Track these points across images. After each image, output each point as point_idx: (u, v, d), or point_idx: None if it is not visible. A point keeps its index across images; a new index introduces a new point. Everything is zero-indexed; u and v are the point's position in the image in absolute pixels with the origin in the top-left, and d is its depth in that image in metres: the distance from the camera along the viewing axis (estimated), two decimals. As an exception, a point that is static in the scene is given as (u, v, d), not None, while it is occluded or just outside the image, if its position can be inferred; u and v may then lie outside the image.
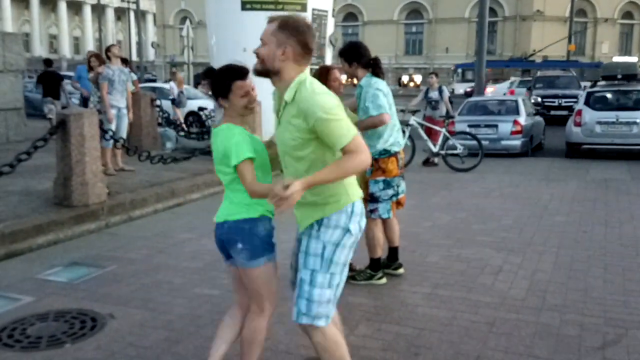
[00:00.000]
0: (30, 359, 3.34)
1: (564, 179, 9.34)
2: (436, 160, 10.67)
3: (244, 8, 10.05)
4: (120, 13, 75.44)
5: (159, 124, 10.52)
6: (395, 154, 4.53)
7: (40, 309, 4.02)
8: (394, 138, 4.51)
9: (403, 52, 58.50)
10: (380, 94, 4.35)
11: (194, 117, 14.74)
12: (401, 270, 4.75)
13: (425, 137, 10.50)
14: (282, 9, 10.07)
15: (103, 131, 7.26)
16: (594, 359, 3.33)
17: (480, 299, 4.23)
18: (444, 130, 10.43)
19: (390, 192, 4.55)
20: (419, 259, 5.19)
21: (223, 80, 2.68)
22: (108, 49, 8.46)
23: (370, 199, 4.49)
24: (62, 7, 73.67)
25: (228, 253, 2.73)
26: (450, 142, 10.36)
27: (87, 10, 75.79)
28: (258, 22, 10.92)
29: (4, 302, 4.16)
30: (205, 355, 3.33)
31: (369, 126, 4.33)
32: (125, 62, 10.54)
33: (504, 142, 12.15)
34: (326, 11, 10.68)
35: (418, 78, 57.59)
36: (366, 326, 3.80)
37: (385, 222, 4.64)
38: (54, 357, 3.35)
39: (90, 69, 8.89)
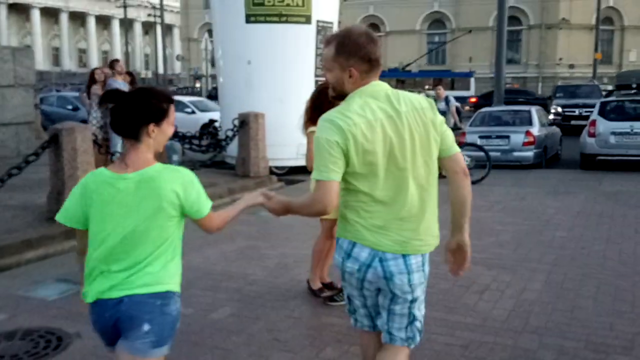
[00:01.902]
0: (-15, 380, 3.29)
1: (573, 191, 9.07)
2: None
3: (248, 21, 10.06)
4: (148, 27, 76.80)
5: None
6: None
7: (10, 327, 3.99)
8: None
9: (426, 62, 58.14)
10: None
11: (207, 129, 14.79)
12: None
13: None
14: (286, 22, 10.07)
15: (98, 145, 7.28)
16: (567, 386, 3.16)
17: (460, 320, 4.07)
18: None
19: None
20: (405, 276, 5.04)
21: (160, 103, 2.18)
22: (112, 65, 8.52)
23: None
24: (91, 21, 75.21)
25: (115, 336, 2.19)
26: (457, 153, 10.15)
27: (116, 25, 77.22)
28: (262, 34, 10.96)
29: (-25, 319, 4.14)
30: (161, 378, 3.25)
31: None
32: (131, 75, 10.64)
33: (516, 154, 11.91)
34: (331, 23, 10.63)
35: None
36: (334, 348, 3.67)
37: None
38: (9, 379, 3.30)
39: (95, 82, 8.97)
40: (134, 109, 2.11)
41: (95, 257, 2.14)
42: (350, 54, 2.20)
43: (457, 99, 12.86)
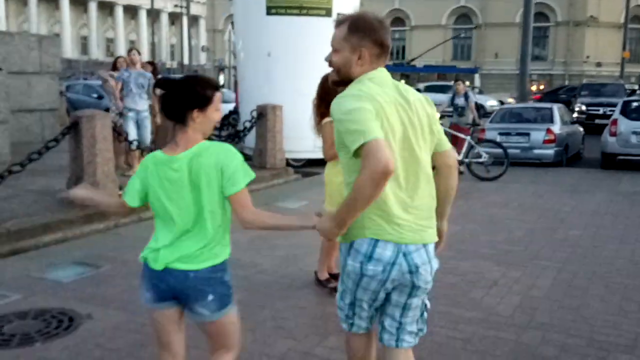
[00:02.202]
0: (-2, 356, 3.42)
1: (591, 190, 8.97)
2: (461, 168, 10.42)
3: (268, 13, 10.12)
4: (174, 18, 77.35)
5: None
6: None
7: (24, 307, 4.12)
8: None
9: (451, 58, 57.64)
10: None
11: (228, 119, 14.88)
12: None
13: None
14: (307, 14, 10.10)
15: (117, 133, 7.40)
16: (566, 382, 3.17)
17: (464, 315, 4.09)
18: (468, 137, 10.19)
19: None
20: (413, 270, 5.06)
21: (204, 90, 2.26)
22: (127, 54, 8.64)
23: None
24: (119, 11, 75.95)
25: (167, 298, 2.34)
26: (475, 150, 10.11)
27: (143, 15, 77.86)
28: (282, 26, 11.02)
29: (-9, 298, 4.28)
30: (166, 360, 3.34)
31: None
32: (153, 65, 10.77)
33: (536, 151, 11.79)
34: (352, 16, 10.63)
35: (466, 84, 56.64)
36: (337, 338, 3.71)
37: None
38: (20, 356, 3.42)
39: (117, 70, 9.10)
40: (180, 95, 2.23)
41: (164, 230, 2.30)
42: (365, 35, 2.15)
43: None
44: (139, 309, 4.13)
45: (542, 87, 53.08)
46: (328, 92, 3.78)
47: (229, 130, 12.30)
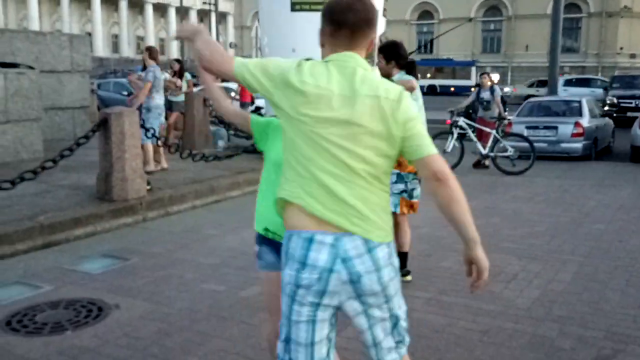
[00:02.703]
0: (30, 343, 3.58)
1: (619, 184, 8.86)
2: (487, 162, 10.39)
3: (293, 9, 10.18)
4: (203, 15, 78.05)
5: (212, 123, 10.85)
6: None
7: (55, 297, 4.29)
8: None
9: (480, 50, 56.99)
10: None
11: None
12: (409, 278, 4.67)
13: (474, 138, 10.26)
14: (331, 10, 10.14)
15: (145, 129, 7.58)
16: (581, 374, 3.19)
17: (482, 307, 4.12)
18: (494, 131, 10.14)
19: (401, 186, 4.52)
20: (433, 263, 5.11)
21: None
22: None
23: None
24: (149, 9, 76.95)
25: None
26: (501, 144, 10.06)
27: (172, 13, 78.73)
28: (307, 22, 11.07)
29: (25, 289, 4.47)
30: (190, 348, 3.48)
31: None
32: (180, 62, 10.97)
33: (564, 145, 11.66)
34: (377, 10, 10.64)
35: (496, 77, 55.95)
36: (354, 329, 3.79)
37: (397, 226, 4.56)
38: (52, 343, 3.58)
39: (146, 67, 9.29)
40: None
41: None
42: (324, 17, 2.04)
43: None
44: (163, 299, 4.29)
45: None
46: None
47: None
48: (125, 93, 19.64)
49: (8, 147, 9.17)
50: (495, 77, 58.12)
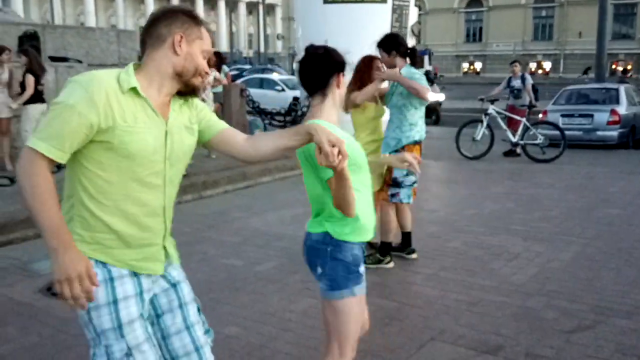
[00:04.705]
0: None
1: (649, 172, 8.84)
2: (518, 150, 10.47)
3: (326, 1, 10.50)
4: (252, 7, 79.05)
5: (249, 113, 11.30)
6: (420, 143, 4.79)
7: (92, 267, 4.80)
8: (421, 128, 4.78)
9: (531, 38, 55.74)
10: (423, 79, 4.65)
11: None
12: (414, 255, 4.96)
13: (504, 126, 10.36)
14: (362, 1, 10.40)
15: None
16: (557, 341, 3.44)
17: (478, 282, 4.39)
18: (524, 119, 10.21)
19: (413, 178, 4.78)
20: (441, 244, 5.38)
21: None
22: None
23: (392, 183, 4.74)
24: (199, 3, 78.50)
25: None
26: (531, 132, 10.13)
27: (222, 6, 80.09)
28: (340, 15, 11.36)
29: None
30: (205, 314, 3.90)
31: (413, 87, 4.49)
32: (219, 55, 11.45)
33: (599, 133, 11.59)
34: (408, 1, 10.83)
35: (547, 65, 54.73)
36: (354, 298, 4.14)
37: (398, 208, 4.87)
38: (85, 304, 4.07)
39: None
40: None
41: None
42: None
43: None
44: (186, 271, 4.65)
45: (629, 67, 50.41)
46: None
47: (292, 115, 12.85)
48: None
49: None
50: (547, 65, 56.60)
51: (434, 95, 16.34)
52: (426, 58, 39.38)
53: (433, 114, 16.81)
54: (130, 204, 1.84)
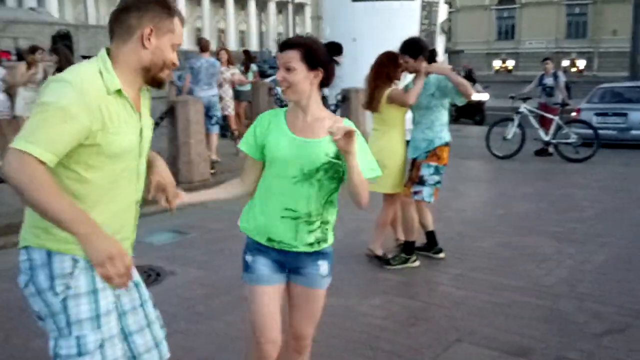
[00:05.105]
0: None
1: (686, 172, 8.59)
2: (550, 149, 10.27)
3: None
4: (282, 6, 79.36)
5: (277, 111, 11.30)
6: (449, 144, 4.74)
7: (122, 263, 4.87)
8: (448, 129, 4.74)
9: (564, 36, 54.69)
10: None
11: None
12: (442, 255, 4.91)
13: (536, 125, 10.18)
14: (391, -1, 10.36)
15: (209, 117, 8.14)
16: (587, 344, 3.36)
17: (507, 283, 4.32)
18: (557, 118, 10.02)
19: (437, 178, 4.72)
20: (469, 244, 5.31)
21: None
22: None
23: (418, 181, 4.69)
24: (230, 2, 79.15)
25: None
26: (564, 130, 9.94)
27: (252, 5, 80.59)
28: (368, 13, 11.36)
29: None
30: (229, 308, 3.93)
31: (462, 83, 4.40)
32: (247, 53, 11.53)
33: (634, 132, 11.28)
34: (437, -1, 10.74)
35: (581, 63, 53.62)
36: (380, 298, 4.12)
37: (418, 207, 4.77)
38: (114, 299, 4.13)
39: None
40: None
41: None
42: None
43: None
44: (213, 268, 4.78)
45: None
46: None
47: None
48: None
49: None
50: (581, 63, 55.40)
51: (478, 95, 16.03)
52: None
53: (477, 114, 16.27)
54: (108, 201, 1.84)
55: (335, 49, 2.30)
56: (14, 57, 9.64)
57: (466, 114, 16.17)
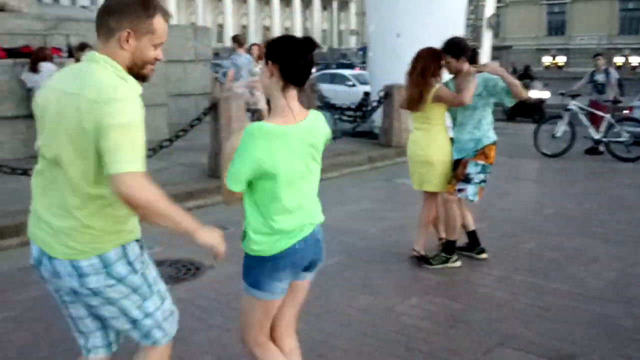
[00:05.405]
0: (137, 291, 4.20)
1: None
2: (601, 148, 9.91)
3: (398, -5, 10.34)
4: (326, 3, 79.51)
5: (318, 108, 11.30)
6: (496, 143, 4.62)
7: (162, 257, 4.93)
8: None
9: (617, 31, 52.87)
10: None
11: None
12: (484, 255, 4.77)
13: (586, 122, 9.84)
14: (437, -5, 10.17)
15: (252, 112, 8.19)
16: (635, 351, 3.21)
17: (552, 286, 4.18)
18: (608, 116, 9.66)
19: (483, 176, 4.59)
20: (513, 244, 5.16)
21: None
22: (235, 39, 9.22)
23: (463, 178, 4.57)
24: (275, 0, 79.67)
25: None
26: (615, 129, 9.57)
27: (297, 2, 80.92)
28: (412, 7, 11.19)
29: (138, 249, 5.17)
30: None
31: (515, 83, 4.34)
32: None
33: (690, 131, 10.78)
34: (484, -7, 10.51)
35: (635, 60, 51.72)
36: (419, 298, 4.03)
37: (460, 206, 4.67)
38: (153, 293, 4.18)
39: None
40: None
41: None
42: None
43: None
44: (252, 264, 4.77)
45: None
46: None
47: (362, 110, 12.75)
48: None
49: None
50: (635, 59, 53.65)
51: (538, 93, 15.52)
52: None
53: (536, 112, 15.24)
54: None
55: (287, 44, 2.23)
56: (65, 54, 9.82)
57: (523, 112, 15.58)
